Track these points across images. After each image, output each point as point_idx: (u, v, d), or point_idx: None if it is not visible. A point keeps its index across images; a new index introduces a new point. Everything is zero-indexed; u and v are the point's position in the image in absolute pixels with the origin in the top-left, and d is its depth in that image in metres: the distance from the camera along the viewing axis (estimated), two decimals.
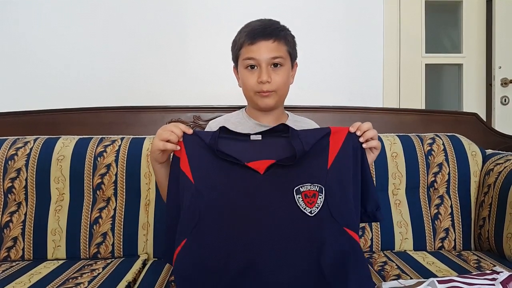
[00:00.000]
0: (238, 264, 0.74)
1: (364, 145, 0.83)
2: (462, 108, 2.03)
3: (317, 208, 0.76)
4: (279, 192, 0.77)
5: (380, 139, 1.30)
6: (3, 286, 1.02)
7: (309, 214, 0.75)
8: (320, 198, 0.76)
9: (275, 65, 0.98)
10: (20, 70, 1.72)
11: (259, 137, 0.83)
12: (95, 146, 1.35)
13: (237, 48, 1.00)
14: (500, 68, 1.97)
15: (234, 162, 0.78)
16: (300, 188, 0.76)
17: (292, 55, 1.02)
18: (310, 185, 0.77)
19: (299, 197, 0.76)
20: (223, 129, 0.83)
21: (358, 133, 0.83)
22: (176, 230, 0.80)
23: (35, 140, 1.36)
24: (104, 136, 1.41)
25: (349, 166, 0.81)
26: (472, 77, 2.04)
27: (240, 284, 0.73)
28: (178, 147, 0.82)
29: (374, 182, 1.28)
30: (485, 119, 1.96)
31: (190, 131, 0.83)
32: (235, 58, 1.03)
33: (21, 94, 1.71)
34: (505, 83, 1.98)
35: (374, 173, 1.33)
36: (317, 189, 0.77)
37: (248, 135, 0.84)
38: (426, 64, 1.99)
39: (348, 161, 0.81)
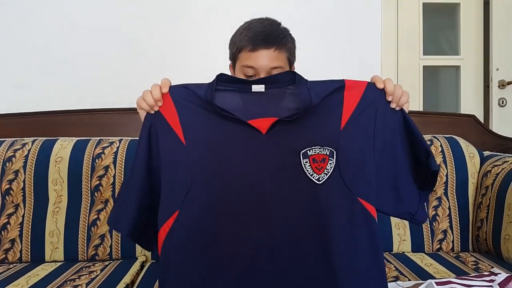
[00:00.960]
0: (237, 235, 0.68)
1: (393, 105, 0.73)
2: (459, 110, 2.04)
3: (326, 174, 0.67)
4: (284, 156, 0.68)
5: None
6: None
7: (317, 182, 0.67)
8: (330, 164, 0.68)
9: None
10: (17, 71, 1.71)
11: (262, 88, 0.72)
12: (93, 148, 1.35)
13: (236, 50, 0.96)
14: (497, 70, 1.98)
15: (233, 118, 0.69)
16: (308, 152, 0.68)
17: (291, 61, 0.98)
18: (320, 148, 0.68)
19: (306, 162, 0.68)
20: (220, 77, 0.72)
21: (390, 99, 0.73)
22: (131, 195, 0.72)
23: (33, 142, 1.36)
24: (102, 137, 1.40)
25: (369, 128, 0.70)
26: (469, 79, 2.05)
27: (240, 259, 0.68)
28: (157, 105, 0.73)
29: None
30: (482, 121, 1.96)
31: (166, 90, 0.73)
32: (233, 59, 1.00)
33: (18, 96, 1.70)
34: (502, 85, 1.98)
35: None
36: (328, 153, 0.68)
37: (249, 84, 0.73)
38: (424, 66, 2.00)
39: (368, 122, 0.71)
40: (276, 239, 0.67)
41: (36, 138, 1.39)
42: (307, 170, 0.68)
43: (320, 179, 0.67)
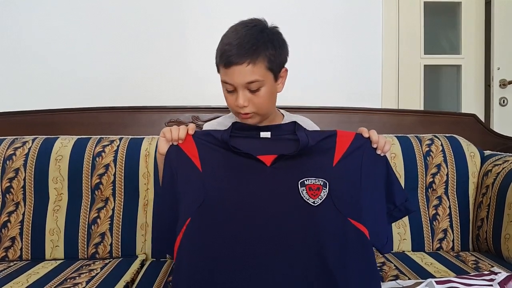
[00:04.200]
0: (242, 249, 0.76)
1: (378, 152, 0.86)
2: (460, 109, 2.03)
3: (321, 199, 0.78)
4: (285, 184, 0.80)
5: None
6: (1, 286, 1.02)
7: (312, 204, 0.78)
8: (324, 192, 0.79)
9: (252, 89, 0.90)
10: (18, 69, 1.71)
11: (268, 134, 0.87)
12: (94, 146, 1.34)
13: (216, 65, 0.94)
14: (498, 69, 1.97)
15: (244, 155, 0.82)
16: (305, 181, 0.80)
17: (274, 68, 0.91)
18: (315, 179, 0.80)
19: (303, 189, 0.79)
20: (235, 125, 0.87)
21: (375, 146, 0.85)
22: (166, 219, 0.83)
23: (33, 140, 1.36)
24: (102, 136, 1.40)
25: (357, 167, 0.83)
26: (470, 78, 2.04)
27: (242, 270, 0.75)
28: (178, 141, 0.85)
29: None
30: (483, 120, 1.96)
31: (192, 132, 0.86)
32: (217, 70, 0.95)
33: (19, 94, 1.71)
34: (503, 84, 1.98)
35: None
36: (321, 183, 0.80)
37: (258, 131, 0.87)
38: (425, 65, 1.99)
39: (355, 162, 0.83)
40: (278, 251, 0.76)
41: (36, 136, 1.39)
42: (304, 196, 0.79)
43: (315, 202, 0.79)
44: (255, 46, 0.87)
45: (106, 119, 1.54)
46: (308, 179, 0.80)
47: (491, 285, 0.97)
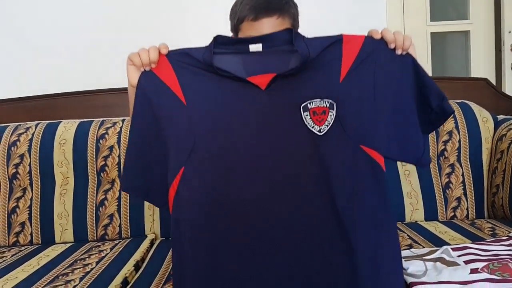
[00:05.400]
0: (241, 190, 0.69)
1: (399, 52, 0.72)
2: (470, 75, 1.98)
3: (327, 126, 0.68)
4: (284, 110, 0.69)
5: None
6: (13, 269, 1.03)
7: (318, 133, 0.68)
8: (330, 115, 0.68)
9: None
10: (17, 55, 1.69)
11: (259, 47, 0.72)
12: (97, 129, 1.33)
13: (238, 21, 0.93)
14: (510, 32, 1.90)
15: (232, 78, 0.69)
16: (308, 105, 0.68)
17: (296, 27, 0.95)
18: (320, 101, 0.68)
19: (306, 115, 0.68)
20: (218, 39, 0.72)
21: (392, 46, 0.72)
22: (137, 160, 0.74)
23: (36, 126, 1.35)
24: (105, 118, 1.39)
25: (369, 78, 0.70)
26: (479, 44, 1.97)
27: (244, 214, 0.69)
28: (151, 65, 0.73)
29: None
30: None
31: (165, 51, 0.73)
32: (235, 30, 0.98)
33: (19, 80, 1.69)
34: None
35: None
36: (327, 105, 0.68)
37: (247, 43, 0.73)
38: (431, 33, 1.93)
39: (367, 73, 0.70)
40: (278, 188, 0.68)
41: (39, 121, 1.38)
42: (308, 123, 0.68)
43: (321, 130, 0.68)
44: (283, 1, 0.87)
45: (107, 102, 1.52)
46: (312, 102, 0.68)
47: (510, 250, 0.94)
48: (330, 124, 0.68)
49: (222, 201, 0.69)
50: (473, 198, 1.32)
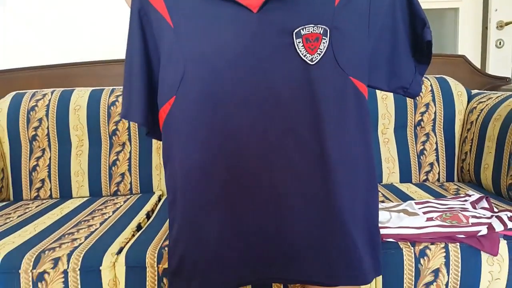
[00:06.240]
0: (232, 116, 0.66)
1: None
2: (457, 52, 2.08)
3: (319, 54, 0.65)
4: (276, 35, 0.65)
5: None
6: (40, 216, 1.19)
7: (310, 63, 0.65)
8: (323, 43, 0.65)
9: None
10: (32, 26, 1.79)
11: None
12: (108, 97, 1.46)
13: None
14: (496, 10, 1.99)
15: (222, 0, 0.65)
16: (301, 31, 0.64)
17: None
18: (313, 27, 0.64)
19: (299, 42, 0.64)
20: None
21: None
22: (135, 84, 0.73)
23: (52, 92, 1.48)
24: (115, 87, 1.52)
25: (364, 3, 0.69)
26: (468, 21, 2.06)
27: (235, 136, 0.67)
28: None
29: None
30: (479, 63, 2.02)
31: None
32: None
33: (33, 50, 1.79)
34: (500, 26, 2.00)
35: None
36: (321, 32, 0.65)
37: None
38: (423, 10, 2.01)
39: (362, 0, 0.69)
40: (269, 117, 0.66)
41: (54, 89, 1.51)
42: (300, 51, 0.65)
43: (313, 59, 0.65)
44: None
45: (118, 71, 1.64)
46: (305, 27, 0.64)
47: (464, 204, 1.11)
48: (323, 53, 0.65)
49: (215, 127, 0.67)
50: (445, 163, 1.47)
